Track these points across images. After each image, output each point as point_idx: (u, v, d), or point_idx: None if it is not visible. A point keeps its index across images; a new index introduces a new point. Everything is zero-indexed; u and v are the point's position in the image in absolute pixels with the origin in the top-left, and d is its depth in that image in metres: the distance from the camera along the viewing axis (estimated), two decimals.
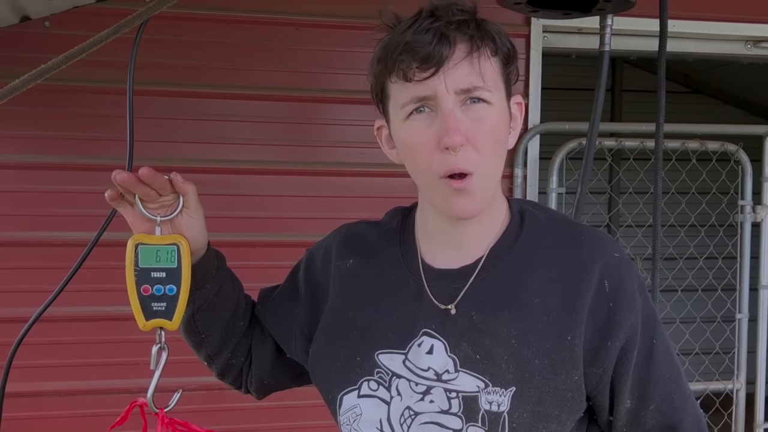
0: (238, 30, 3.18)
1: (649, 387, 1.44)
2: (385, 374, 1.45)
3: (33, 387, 3.08)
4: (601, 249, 1.45)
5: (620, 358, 1.41)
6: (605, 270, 1.42)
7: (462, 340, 1.41)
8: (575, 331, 1.39)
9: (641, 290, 1.45)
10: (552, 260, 1.44)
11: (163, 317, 1.49)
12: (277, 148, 3.27)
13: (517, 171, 3.39)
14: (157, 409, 1.52)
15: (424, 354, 1.42)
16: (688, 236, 4.46)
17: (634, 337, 1.42)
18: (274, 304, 1.69)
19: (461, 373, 1.40)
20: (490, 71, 1.37)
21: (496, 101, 1.38)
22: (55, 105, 3.06)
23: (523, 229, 1.48)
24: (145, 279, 1.47)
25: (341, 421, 1.50)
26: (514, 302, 1.41)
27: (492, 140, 1.37)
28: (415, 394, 1.42)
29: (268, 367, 1.68)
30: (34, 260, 3.04)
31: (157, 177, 1.43)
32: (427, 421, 1.41)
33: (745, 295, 3.77)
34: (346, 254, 1.58)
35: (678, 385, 1.47)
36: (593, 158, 2.30)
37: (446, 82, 1.33)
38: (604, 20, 2.03)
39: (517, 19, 3.40)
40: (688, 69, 6.55)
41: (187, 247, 1.48)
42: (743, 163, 3.72)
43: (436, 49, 1.32)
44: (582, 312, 1.39)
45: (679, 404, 1.46)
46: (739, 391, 3.78)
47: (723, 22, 3.60)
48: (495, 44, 1.38)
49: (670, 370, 1.46)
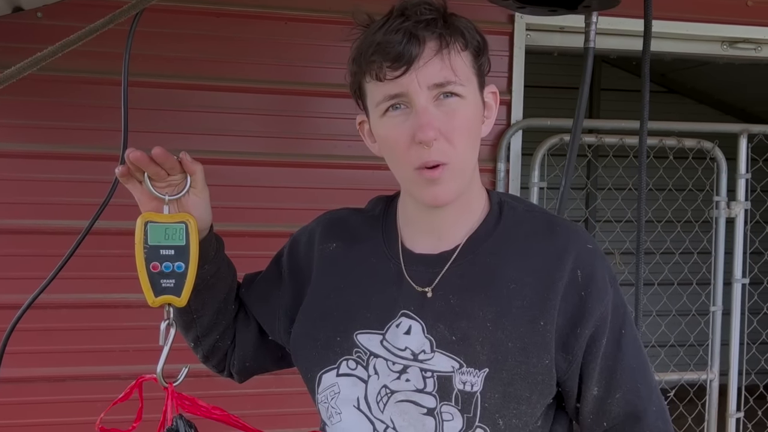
0: (228, 23, 3.17)
1: (616, 375, 1.46)
2: (363, 354, 1.47)
3: (23, 373, 3.06)
4: (575, 240, 1.48)
5: (589, 345, 1.44)
6: (578, 260, 1.45)
7: (439, 322, 1.43)
8: (548, 317, 1.42)
9: (612, 282, 1.48)
10: (528, 249, 1.47)
11: (171, 294, 1.49)
12: (265, 140, 3.26)
13: (500, 165, 3.40)
14: (166, 383, 1.53)
15: (401, 334, 1.45)
16: (664, 231, 4.49)
17: (603, 326, 1.45)
18: (258, 287, 1.70)
19: (437, 353, 1.42)
20: (461, 65, 1.39)
21: (469, 94, 1.41)
22: (48, 95, 3.03)
23: (502, 219, 1.51)
24: (154, 256, 1.48)
25: (319, 399, 1.52)
26: (490, 287, 1.44)
27: (465, 132, 1.40)
28: (392, 373, 1.44)
29: (250, 349, 1.69)
30: (27, 248, 3.02)
31: (169, 157, 1.44)
32: (403, 399, 1.43)
33: (719, 288, 3.79)
34: (330, 238, 1.60)
35: (644, 376, 1.50)
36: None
37: (418, 80, 1.35)
38: (589, 17, 2.03)
39: (501, 17, 3.40)
40: (665, 69, 6.57)
41: (195, 225, 1.49)
42: (718, 161, 3.74)
43: (405, 48, 1.34)
44: (555, 299, 1.42)
45: (644, 394, 1.48)
46: (712, 381, 3.80)
47: (700, 23, 3.61)
48: (465, 38, 1.40)
49: (637, 360, 1.49)
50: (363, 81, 1.43)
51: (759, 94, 6.86)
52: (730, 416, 3.86)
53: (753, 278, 4.16)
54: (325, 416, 1.53)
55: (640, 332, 2.03)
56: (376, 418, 1.46)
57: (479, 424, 1.41)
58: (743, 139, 3.76)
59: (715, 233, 3.78)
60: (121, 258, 3.07)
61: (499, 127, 3.38)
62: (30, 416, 3.08)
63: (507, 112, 3.41)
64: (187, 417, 1.52)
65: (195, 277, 1.50)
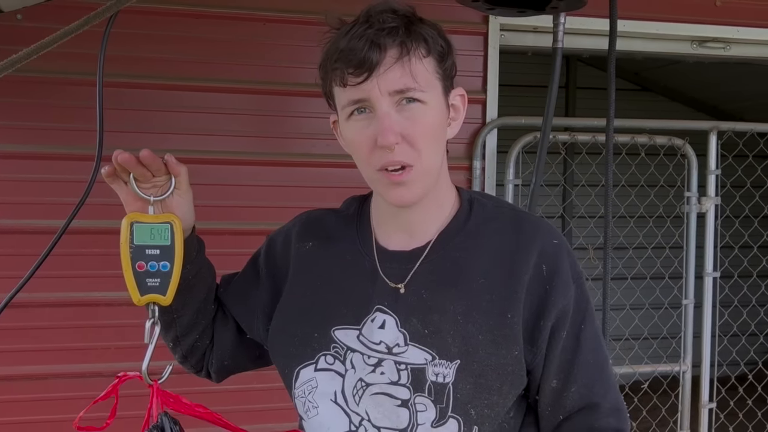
0: (206, 25, 3.16)
1: (574, 370, 1.48)
2: (341, 349, 1.50)
3: (5, 371, 3.04)
4: (541, 236, 1.50)
5: (550, 337, 1.47)
6: (543, 255, 1.48)
7: (412, 316, 1.46)
8: (515, 309, 1.44)
9: (576, 278, 1.50)
10: (496, 245, 1.49)
11: (156, 293, 1.50)
12: (245, 139, 3.26)
13: (476, 163, 3.41)
14: (151, 381, 1.54)
15: (376, 329, 1.48)
16: (637, 226, 4.51)
17: (564, 319, 1.47)
18: (236, 287, 1.71)
19: (410, 346, 1.45)
20: (422, 72, 1.40)
21: (431, 99, 1.42)
22: (27, 96, 3.01)
23: (472, 216, 1.53)
24: (140, 256, 1.49)
25: (296, 394, 1.54)
26: (460, 282, 1.47)
27: (427, 137, 1.42)
28: (367, 366, 1.47)
29: (229, 348, 1.70)
30: (5, 247, 3.00)
31: (155, 159, 1.46)
32: (378, 392, 1.46)
33: (691, 282, 3.81)
34: (306, 238, 1.62)
35: (601, 373, 1.51)
36: (547, 152, 2.32)
37: (379, 86, 1.37)
38: (557, 18, 2.05)
39: (475, 18, 3.41)
40: (637, 67, 6.61)
41: (179, 225, 1.51)
42: (689, 157, 3.76)
43: (367, 55, 1.36)
44: (521, 292, 1.45)
45: (599, 390, 1.50)
46: (685, 373, 3.82)
47: (670, 23, 3.63)
48: (427, 45, 1.41)
49: (595, 356, 1.51)
50: (330, 85, 1.45)
51: (729, 92, 6.92)
52: (703, 407, 3.89)
53: (724, 272, 4.19)
54: (302, 410, 1.54)
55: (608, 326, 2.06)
56: (352, 411, 1.48)
57: (452, 414, 1.43)
58: (713, 136, 3.79)
59: (686, 228, 3.81)
60: (102, 257, 3.07)
61: (475, 125, 3.39)
62: (11, 414, 3.06)
63: (482, 110, 3.42)
64: (172, 414, 1.53)
65: (180, 276, 1.51)
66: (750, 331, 5.28)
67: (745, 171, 4.35)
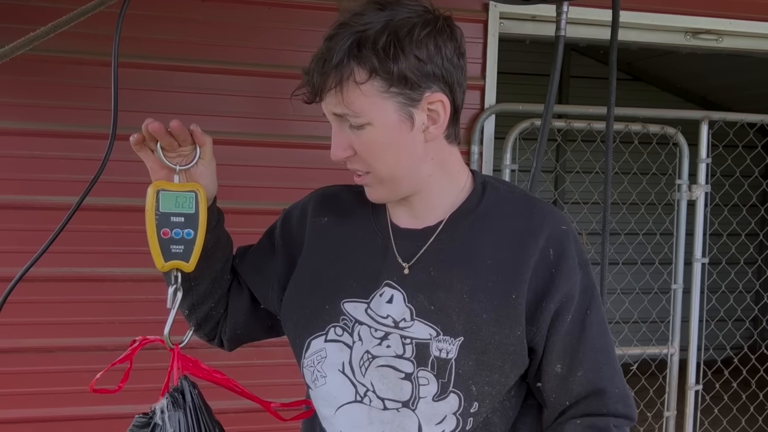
0: (214, 8, 3.14)
1: (579, 354, 1.48)
2: (349, 321, 1.51)
3: (13, 343, 3.05)
4: (550, 221, 1.50)
5: (553, 320, 1.47)
6: (551, 239, 1.48)
7: (419, 292, 1.47)
8: (519, 290, 1.45)
9: (582, 264, 1.50)
10: (506, 228, 1.50)
11: (180, 259, 1.51)
12: (250, 121, 3.25)
13: (474, 148, 3.41)
14: (172, 345, 1.54)
15: (384, 303, 1.49)
16: (629, 213, 4.52)
17: (569, 303, 1.47)
18: (251, 258, 1.72)
19: (416, 321, 1.46)
20: (358, 98, 1.38)
21: (375, 119, 1.39)
22: (39, 74, 3.00)
23: (484, 199, 1.54)
24: (165, 223, 1.49)
25: (305, 363, 1.55)
26: (468, 262, 1.47)
27: (376, 152, 1.43)
28: (374, 339, 1.48)
29: (242, 317, 1.71)
30: (18, 222, 2.99)
31: (183, 130, 1.49)
32: (383, 364, 1.47)
33: (680, 267, 3.82)
34: (322, 212, 1.63)
35: (608, 358, 1.50)
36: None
37: (326, 107, 1.43)
38: (560, 7, 2.04)
39: (476, 5, 3.40)
40: (631, 58, 6.61)
41: (204, 194, 1.52)
42: (681, 146, 3.76)
43: (315, 78, 1.39)
44: (526, 274, 1.45)
45: (606, 375, 1.49)
46: (673, 355, 3.84)
47: (664, 14, 3.63)
48: (371, 67, 1.36)
49: (601, 341, 1.50)
50: None
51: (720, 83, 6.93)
52: (690, 389, 3.91)
53: (712, 258, 4.20)
54: (310, 380, 1.55)
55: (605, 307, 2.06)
56: (359, 381, 1.49)
57: (453, 389, 1.44)
58: (704, 126, 3.79)
59: (676, 215, 3.82)
60: (107, 233, 3.07)
61: (473, 111, 3.39)
62: (18, 385, 3.07)
63: (481, 96, 3.42)
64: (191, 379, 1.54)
65: (203, 244, 1.53)
66: (736, 316, 5.33)
67: (734, 160, 4.37)
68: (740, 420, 4.76)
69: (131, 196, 2.63)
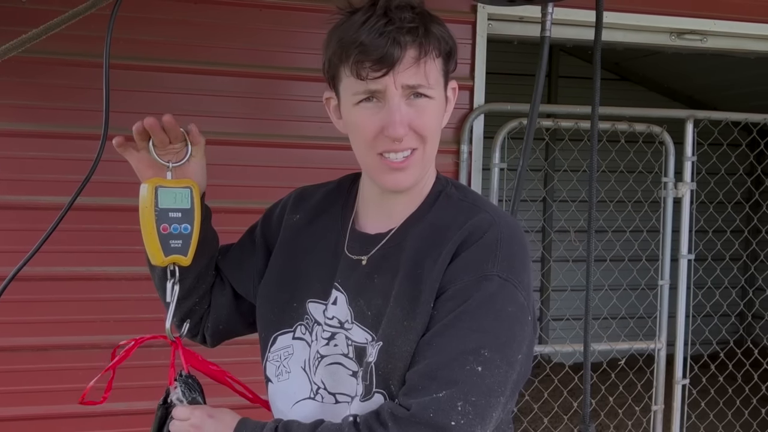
0: (205, 10, 3.14)
1: (427, 348, 1.38)
2: (310, 321, 1.55)
3: (8, 342, 3.04)
4: (478, 221, 1.45)
5: (437, 298, 1.41)
6: (464, 233, 1.43)
7: (359, 296, 1.50)
8: (433, 298, 1.42)
9: (484, 274, 1.40)
10: (442, 238, 1.45)
11: (179, 253, 1.54)
12: (240, 121, 3.25)
13: (463, 147, 3.41)
14: (173, 338, 1.59)
15: (330, 304, 1.52)
16: (616, 210, 4.54)
17: (458, 295, 1.39)
18: (233, 254, 1.74)
19: (354, 325, 1.49)
20: (433, 71, 1.44)
21: (436, 95, 1.46)
22: (31, 76, 3.00)
23: (434, 207, 1.53)
24: (164, 218, 1.52)
25: (270, 357, 1.59)
26: (404, 270, 1.46)
27: (432, 128, 1.47)
28: (323, 340, 1.52)
29: (224, 313, 1.73)
30: (11, 222, 2.99)
31: (176, 125, 1.51)
32: (331, 363, 1.51)
33: (667, 264, 3.83)
34: (295, 210, 1.66)
35: (448, 365, 1.36)
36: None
37: (395, 81, 1.40)
38: (546, 8, 2.04)
39: (464, 7, 3.41)
40: (617, 58, 6.62)
41: (198, 190, 1.55)
42: (667, 144, 3.77)
43: (389, 52, 1.38)
44: (438, 281, 1.42)
45: (427, 379, 1.36)
46: (660, 350, 3.85)
47: (650, 15, 3.64)
48: (440, 46, 1.45)
49: (453, 349, 1.37)
50: (341, 70, 1.45)
51: (705, 83, 6.95)
52: (677, 383, 3.92)
53: (698, 254, 4.21)
54: (273, 373, 1.58)
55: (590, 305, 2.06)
56: (312, 380, 1.53)
57: (376, 390, 1.45)
58: (690, 124, 3.81)
59: (663, 212, 3.83)
60: (101, 233, 3.06)
61: (463, 111, 3.39)
62: (13, 384, 3.06)
63: (470, 97, 3.42)
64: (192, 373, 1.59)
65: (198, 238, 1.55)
66: (722, 312, 5.34)
67: (719, 158, 4.37)
68: (726, 413, 4.79)
69: (123, 195, 2.63)
